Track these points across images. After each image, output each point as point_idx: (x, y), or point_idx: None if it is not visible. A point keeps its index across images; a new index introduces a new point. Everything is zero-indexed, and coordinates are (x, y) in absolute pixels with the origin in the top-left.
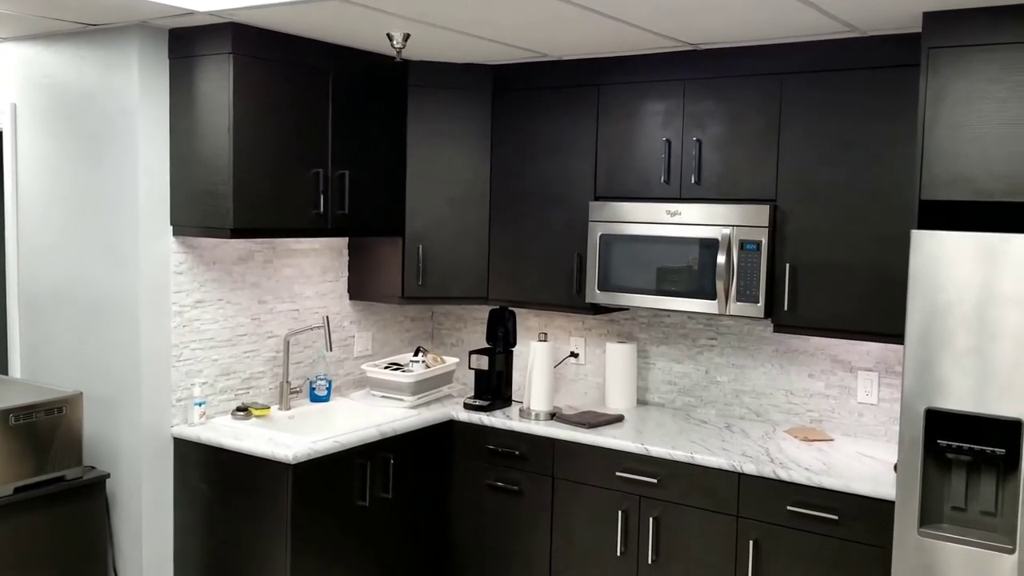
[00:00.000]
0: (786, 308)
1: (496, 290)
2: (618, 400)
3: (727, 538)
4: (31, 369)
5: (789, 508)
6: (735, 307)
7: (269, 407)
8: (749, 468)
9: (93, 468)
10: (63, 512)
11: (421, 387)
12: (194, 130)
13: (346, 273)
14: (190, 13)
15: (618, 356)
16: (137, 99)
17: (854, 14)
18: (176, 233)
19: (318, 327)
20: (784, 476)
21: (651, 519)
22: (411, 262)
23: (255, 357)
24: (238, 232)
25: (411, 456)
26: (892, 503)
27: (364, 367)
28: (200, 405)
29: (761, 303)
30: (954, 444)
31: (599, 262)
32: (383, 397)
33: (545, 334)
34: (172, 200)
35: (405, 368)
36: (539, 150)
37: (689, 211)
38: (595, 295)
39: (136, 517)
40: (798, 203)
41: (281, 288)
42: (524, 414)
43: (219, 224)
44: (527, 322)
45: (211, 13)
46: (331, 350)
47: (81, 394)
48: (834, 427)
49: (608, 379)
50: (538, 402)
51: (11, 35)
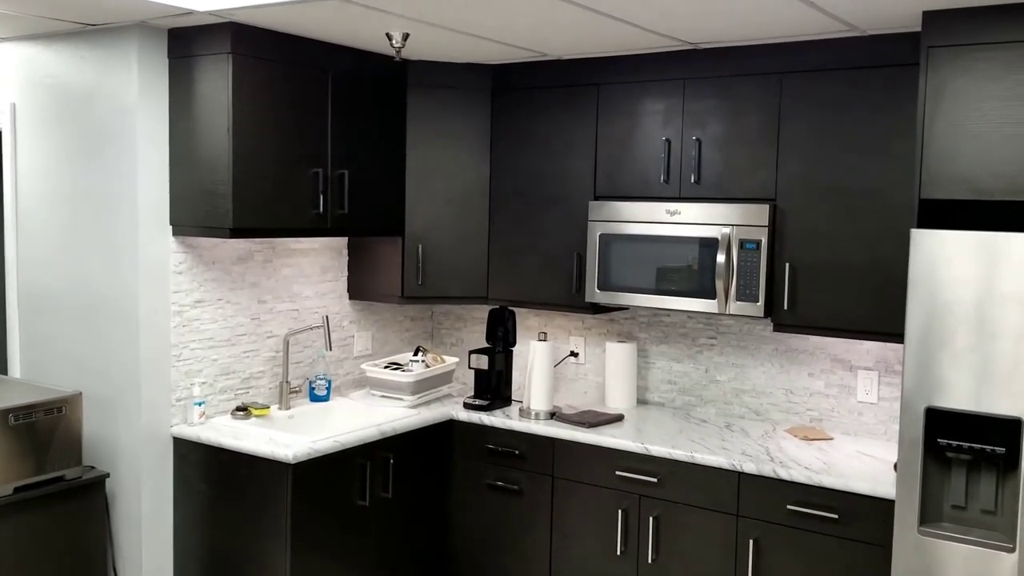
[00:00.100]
0: (786, 307)
1: (496, 290)
2: (618, 399)
3: (727, 537)
4: (30, 369)
5: (789, 507)
6: (735, 306)
7: (269, 407)
8: (749, 467)
9: (93, 468)
10: (63, 512)
11: (421, 387)
12: (194, 130)
13: (346, 273)
14: (189, 13)
15: (618, 355)
16: (137, 99)
17: (854, 13)
18: (176, 233)
19: (318, 327)
20: (784, 475)
21: (651, 518)
22: (411, 262)
23: (255, 357)
24: (237, 232)
25: (411, 456)
26: (892, 502)
27: (364, 367)
28: (200, 405)
29: (761, 302)
30: (954, 443)
31: (599, 261)
32: (383, 397)
33: (545, 333)
34: (171, 200)
35: (405, 368)
36: (539, 149)
37: (689, 210)
38: (595, 294)
39: (136, 517)
40: (798, 202)
41: (281, 288)
42: (524, 414)
43: (218, 224)
44: (527, 322)
45: (210, 13)
46: (331, 350)
47: (80, 394)
48: (834, 426)
49: (608, 378)
50: (538, 401)
51: (11, 35)
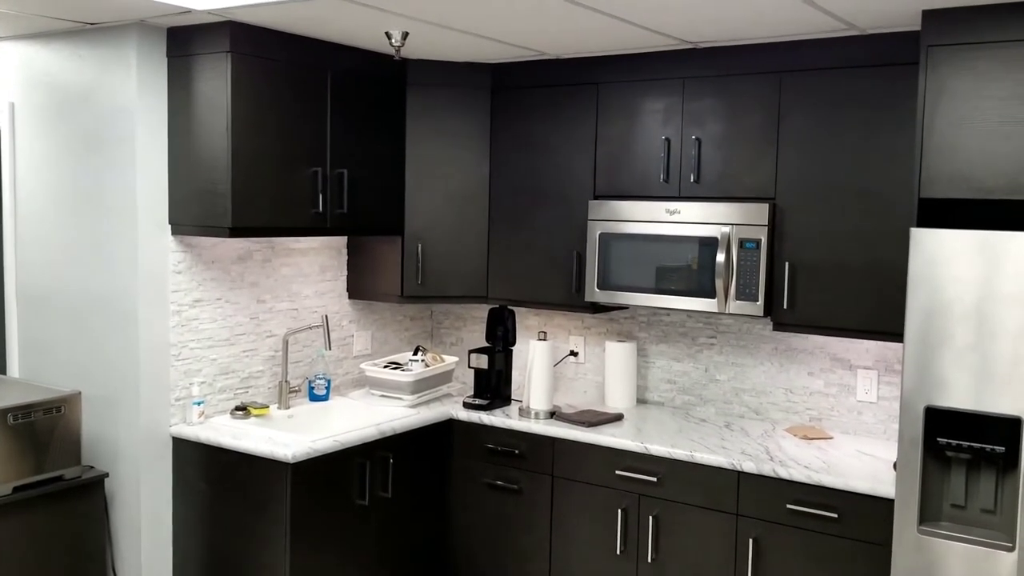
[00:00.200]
0: (785, 306)
1: (495, 289)
2: (618, 399)
3: (727, 536)
4: (29, 368)
5: (788, 506)
6: (734, 305)
7: (268, 406)
8: (749, 466)
9: (92, 468)
10: (62, 511)
11: (420, 386)
12: (192, 129)
13: (345, 272)
14: (188, 12)
15: (617, 355)
16: (135, 98)
17: (854, 12)
18: (174, 232)
19: (317, 326)
20: (784, 474)
21: (651, 518)
22: (410, 261)
23: (254, 356)
24: (237, 231)
25: (410, 455)
26: (892, 501)
27: (363, 366)
28: (199, 404)
29: (760, 301)
30: (954, 442)
31: (598, 261)
32: (382, 396)
33: (544, 333)
34: (170, 199)
35: (404, 367)
36: (538, 149)
37: (688, 209)
38: (594, 294)
39: (135, 517)
40: (797, 201)
41: (280, 287)
42: (523, 413)
43: (218, 223)
44: (526, 321)
45: (209, 12)
46: (330, 349)
47: (79, 393)
48: (833, 425)
49: (607, 378)
50: (538, 401)
51: (9, 34)
